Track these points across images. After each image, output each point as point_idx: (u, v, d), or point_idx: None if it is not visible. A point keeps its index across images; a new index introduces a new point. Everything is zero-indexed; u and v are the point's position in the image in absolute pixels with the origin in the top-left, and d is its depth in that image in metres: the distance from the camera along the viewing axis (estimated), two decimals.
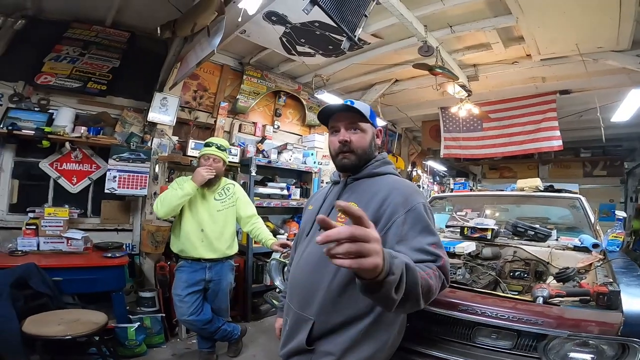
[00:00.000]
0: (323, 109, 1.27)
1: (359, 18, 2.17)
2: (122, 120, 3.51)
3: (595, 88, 3.89)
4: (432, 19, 3.17)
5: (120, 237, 3.44)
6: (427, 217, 1.09)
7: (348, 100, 1.25)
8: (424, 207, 1.10)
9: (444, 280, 1.00)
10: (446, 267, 1.01)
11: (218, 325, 2.66)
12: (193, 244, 2.52)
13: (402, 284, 0.76)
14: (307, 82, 4.95)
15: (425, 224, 1.07)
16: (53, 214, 2.89)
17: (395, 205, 1.09)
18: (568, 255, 2.10)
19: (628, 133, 6.45)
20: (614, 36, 3.12)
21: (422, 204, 1.11)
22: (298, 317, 1.15)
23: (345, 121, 1.23)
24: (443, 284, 1.00)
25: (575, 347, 1.16)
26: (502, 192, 3.40)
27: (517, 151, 5.10)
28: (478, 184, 8.48)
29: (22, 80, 3.10)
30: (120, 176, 3.30)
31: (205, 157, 2.56)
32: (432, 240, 1.04)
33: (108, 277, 2.68)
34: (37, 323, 2.04)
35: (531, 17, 2.98)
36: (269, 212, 4.43)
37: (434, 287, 0.93)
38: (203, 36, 2.59)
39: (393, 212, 1.08)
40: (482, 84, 4.50)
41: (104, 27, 3.51)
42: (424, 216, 1.08)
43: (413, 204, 1.09)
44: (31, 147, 3.08)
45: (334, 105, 1.26)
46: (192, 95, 4.08)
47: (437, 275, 0.96)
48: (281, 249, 2.35)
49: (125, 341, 2.74)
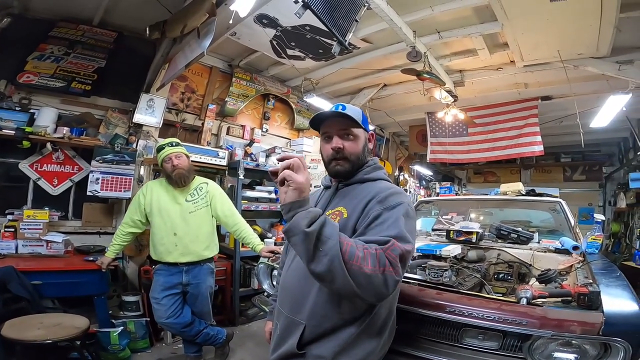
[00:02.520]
0: (315, 116, 1.25)
1: (350, 23, 2.19)
2: (106, 121, 3.44)
3: (575, 94, 4.02)
4: (421, 24, 3.23)
5: (102, 240, 3.34)
6: (402, 217, 1.05)
7: (340, 104, 1.23)
8: (404, 208, 1.07)
9: (389, 265, 0.92)
10: (393, 254, 0.93)
11: (199, 329, 2.61)
12: (167, 249, 2.48)
13: (316, 223, 0.91)
14: (296, 86, 4.96)
15: (395, 220, 1.03)
16: (32, 216, 2.81)
17: (377, 203, 1.09)
18: (549, 257, 2.16)
19: (606, 139, 6.70)
20: (594, 42, 3.24)
21: (403, 205, 1.08)
22: (289, 322, 1.14)
23: (338, 127, 1.22)
24: (388, 270, 0.91)
25: (559, 347, 1.20)
26: (487, 196, 3.48)
27: (501, 156, 5.23)
28: (463, 188, 8.63)
29: (3, 79, 3.02)
30: (104, 178, 3.23)
31: (166, 160, 2.49)
32: (394, 232, 0.99)
33: (90, 281, 2.60)
34: (17, 327, 1.98)
35: (516, 24, 3.07)
36: (257, 216, 4.40)
37: (360, 258, 0.89)
38: (193, 37, 2.57)
39: (372, 207, 1.09)
40: (467, 89, 4.61)
41: (91, 26, 3.44)
42: (398, 215, 1.05)
43: (392, 203, 1.08)
44: (11, 147, 2.99)
45: (326, 111, 1.25)
46: (180, 97, 4.03)
47: (371, 253, 0.91)
48: (270, 255, 2.34)
49: (109, 346, 2.69)
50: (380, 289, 0.92)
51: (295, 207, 0.95)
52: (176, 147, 2.54)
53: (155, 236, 2.51)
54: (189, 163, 2.58)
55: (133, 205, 2.58)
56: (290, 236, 0.94)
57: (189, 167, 2.57)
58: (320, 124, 1.27)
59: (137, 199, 2.57)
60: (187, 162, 2.56)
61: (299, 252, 0.96)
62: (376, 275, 0.90)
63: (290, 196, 0.95)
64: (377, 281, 0.91)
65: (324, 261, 0.90)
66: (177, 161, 2.48)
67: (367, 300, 0.96)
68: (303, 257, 0.94)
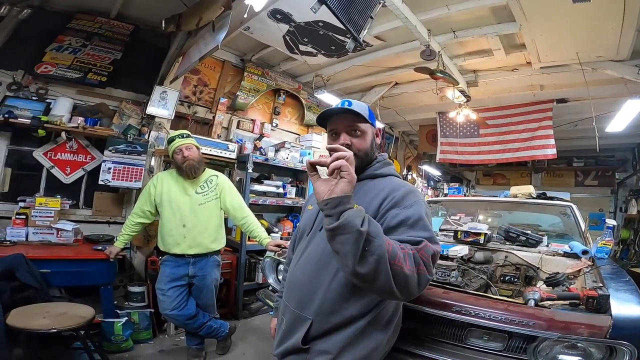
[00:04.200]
0: (322, 113, 1.24)
1: (365, 19, 2.18)
2: (120, 112, 3.49)
3: (592, 97, 3.94)
4: (436, 23, 3.20)
5: (111, 229, 3.40)
6: (425, 217, 1.06)
7: (346, 100, 1.22)
8: (423, 208, 1.08)
9: (422, 265, 0.93)
10: (426, 254, 0.94)
11: (203, 321, 2.63)
12: (175, 240, 2.50)
13: (365, 221, 0.88)
14: (307, 82, 4.96)
15: (417, 219, 1.03)
16: (44, 204, 2.85)
17: (394, 202, 1.09)
18: (558, 260, 2.14)
19: (621, 144, 6.56)
20: (615, 46, 3.17)
21: (421, 204, 1.09)
22: (296, 317, 1.14)
23: (345, 123, 1.20)
24: (421, 270, 0.92)
25: (564, 349, 1.19)
26: (496, 198, 3.44)
27: (512, 158, 5.16)
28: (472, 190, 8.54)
29: (22, 70, 3.08)
30: (115, 168, 3.28)
31: (177, 152, 2.51)
32: (425, 234, 1.00)
33: (97, 270, 2.61)
34: (22, 316, 1.99)
35: (534, 25, 3.02)
36: (264, 210, 4.43)
37: (401, 258, 0.89)
38: (207, 31, 2.59)
39: (390, 208, 1.08)
40: (481, 90, 4.56)
41: (108, 19, 3.49)
42: (421, 215, 1.05)
43: (410, 202, 1.08)
44: (26, 135, 3.05)
45: (332, 108, 1.22)
46: (192, 90, 4.07)
47: (408, 253, 0.92)
48: (276, 249, 2.35)
49: (112, 336, 2.69)
50: (414, 289, 0.92)
51: (346, 201, 0.90)
52: (187, 138, 2.55)
53: (164, 227, 2.53)
54: (199, 155, 2.59)
55: (143, 196, 2.61)
56: (340, 234, 0.87)
57: (199, 158, 2.58)
58: (326, 121, 1.26)
59: (148, 189, 2.60)
60: (198, 154, 2.58)
61: (344, 252, 0.88)
62: (413, 276, 0.91)
63: (342, 189, 0.90)
64: (412, 281, 0.91)
65: (370, 261, 0.87)
66: (187, 152, 2.49)
67: (399, 298, 0.95)
68: (349, 258, 0.87)
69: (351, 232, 0.86)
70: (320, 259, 1.13)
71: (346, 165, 0.91)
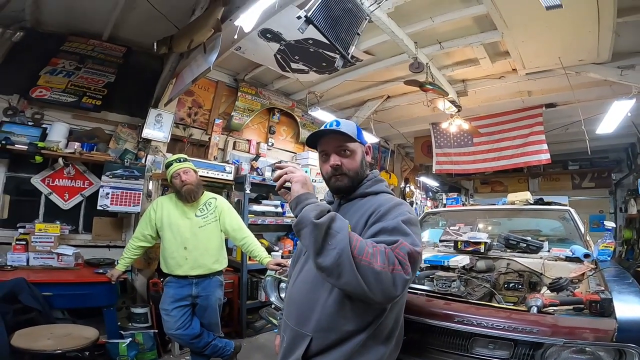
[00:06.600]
0: (311, 135, 1.27)
1: (352, 36, 2.24)
2: (116, 136, 3.52)
3: (578, 101, 4.02)
4: (422, 35, 3.29)
5: (112, 253, 3.39)
6: (404, 223, 1.05)
7: (334, 121, 1.25)
8: (405, 216, 1.08)
9: (397, 264, 0.91)
10: (402, 252, 0.93)
11: (207, 341, 2.61)
12: (177, 263, 2.51)
13: (324, 215, 0.94)
14: (300, 99, 5.03)
15: (396, 225, 1.03)
16: (44, 229, 2.86)
17: (379, 216, 1.10)
18: (560, 265, 2.12)
19: (614, 145, 6.62)
20: (594, 48, 3.24)
21: (404, 214, 1.09)
22: (295, 334, 1.14)
23: (334, 144, 1.23)
24: (397, 269, 0.91)
25: (572, 354, 1.17)
26: (494, 206, 3.44)
27: (507, 165, 5.19)
28: (470, 199, 8.55)
29: (17, 94, 3.11)
30: (113, 193, 3.28)
31: (175, 176, 2.54)
32: (400, 235, 1.00)
33: (99, 292, 2.65)
34: (27, 337, 2.00)
35: (516, 32, 3.10)
36: (264, 230, 4.40)
37: (369, 254, 0.89)
38: (199, 52, 2.64)
39: (375, 222, 1.10)
40: (471, 99, 4.63)
41: (100, 41, 3.54)
42: (400, 220, 1.05)
43: (394, 214, 1.09)
44: (23, 162, 3.07)
45: (321, 129, 1.26)
46: (187, 112, 4.11)
47: (380, 250, 0.92)
48: (277, 268, 2.35)
49: (117, 357, 2.71)
50: (389, 288, 0.90)
51: (302, 199, 0.98)
52: (184, 162, 2.59)
53: (166, 250, 2.54)
54: (197, 178, 2.62)
55: (144, 221, 2.63)
56: (299, 229, 0.95)
57: (198, 182, 2.62)
58: (316, 142, 1.28)
59: (148, 214, 2.62)
60: (195, 177, 2.61)
61: (307, 245, 0.95)
62: (385, 273, 0.90)
63: (295, 190, 1.00)
64: (386, 279, 0.90)
65: (332, 254, 0.90)
66: (185, 177, 2.53)
67: (375, 299, 0.92)
68: (311, 250, 0.94)
69: (307, 225, 0.93)
70: (316, 276, 1.12)
71: (288, 175, 1.04)
